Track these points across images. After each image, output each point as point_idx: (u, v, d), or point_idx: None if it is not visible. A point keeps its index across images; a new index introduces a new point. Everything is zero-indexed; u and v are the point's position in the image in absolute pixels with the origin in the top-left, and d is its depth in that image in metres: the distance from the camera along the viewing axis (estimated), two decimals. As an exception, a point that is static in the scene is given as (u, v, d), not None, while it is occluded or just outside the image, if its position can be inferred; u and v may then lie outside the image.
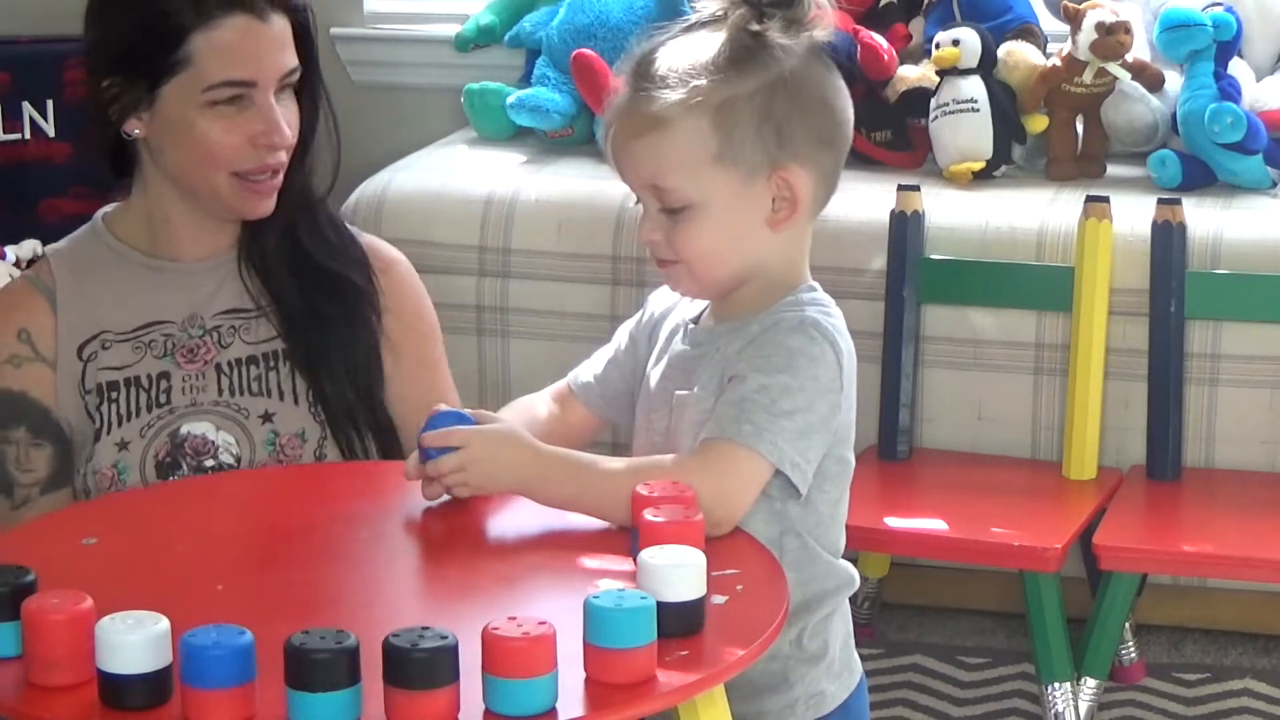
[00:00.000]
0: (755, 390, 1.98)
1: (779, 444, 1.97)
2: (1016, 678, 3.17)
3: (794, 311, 2.04)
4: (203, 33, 2.25)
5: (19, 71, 3.56)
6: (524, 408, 2.23)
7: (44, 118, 3.56)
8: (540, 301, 3.32)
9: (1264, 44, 3.50)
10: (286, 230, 2.37)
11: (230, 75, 2.26)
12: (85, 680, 1.64)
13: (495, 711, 1.61)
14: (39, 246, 3.39)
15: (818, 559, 2.08)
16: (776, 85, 2.02)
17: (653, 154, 2.03)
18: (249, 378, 2.35)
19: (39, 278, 2.37)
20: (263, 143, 2.29)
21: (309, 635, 1.59)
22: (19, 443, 2.31)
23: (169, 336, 2.34)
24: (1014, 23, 3.50)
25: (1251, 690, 3.15)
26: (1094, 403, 3.08)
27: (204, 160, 2.29)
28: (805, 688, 2.09)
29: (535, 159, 3.55)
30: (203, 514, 2.11)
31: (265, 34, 2.28)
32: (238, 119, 2.28)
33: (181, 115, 2.28)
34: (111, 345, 2.33)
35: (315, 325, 2.36)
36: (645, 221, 2.07)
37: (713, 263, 2.05)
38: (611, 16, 3.61)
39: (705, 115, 2.00)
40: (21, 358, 2.33)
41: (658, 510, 1.87)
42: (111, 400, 2.32)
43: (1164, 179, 3.31)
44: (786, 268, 2.09)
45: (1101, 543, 2.82)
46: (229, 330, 2.36)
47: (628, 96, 2.06)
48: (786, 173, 2.03)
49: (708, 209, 2.03)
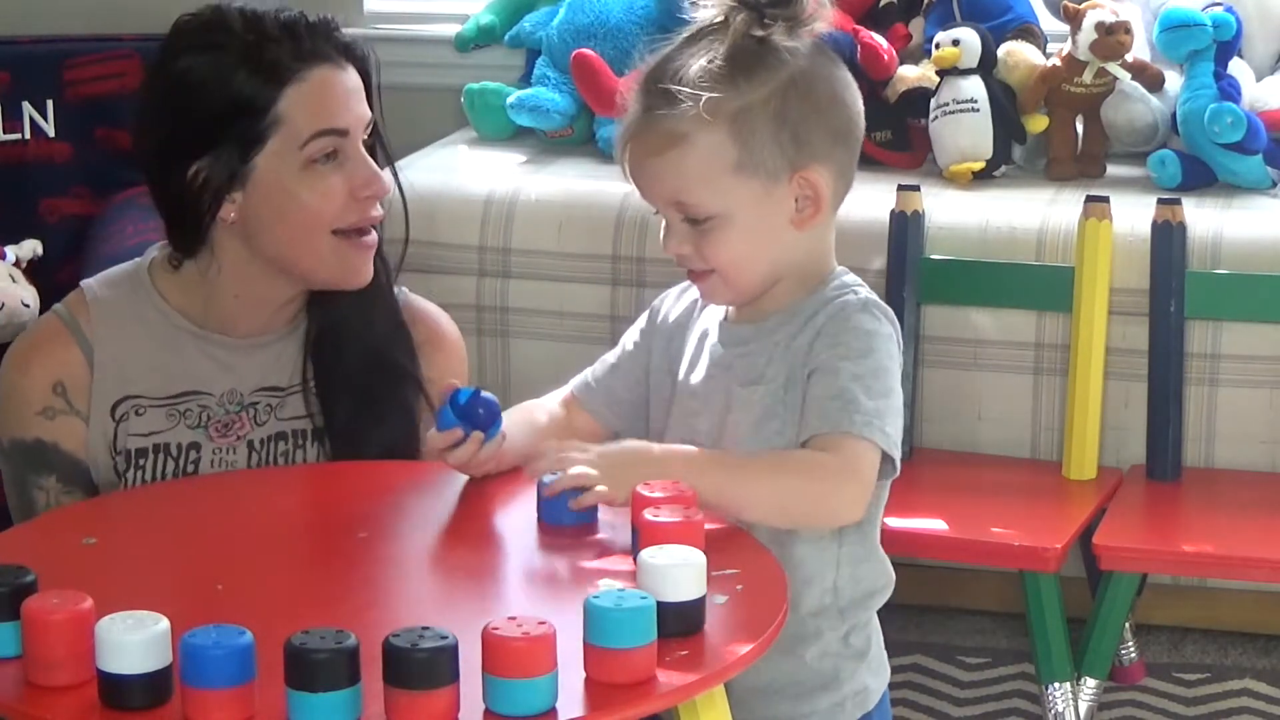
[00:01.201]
0: (851, 379, 2.00)
1: (886, 430, 2.00)
2: (1016, 678, 3.17)
3: (851, 295, 2.07)
4: (292, 88, 2.22)
5: (19, 71, 3.56)
6: (524, 413, 2.22)
7: (44, 118, 3.55)
8: (540, 301, 3.32)
9: (1264, 44, 3.50)
10: (358, 304, 2.32)
11: (326, 125, 2.23)
12: (85, 680, 1.64)
13: (495, 711, 1.61)
14: (39, 247, 3.39)
15: (873, 555, 2.12)
16: (788, 87, 2.03)
17: (673, 170, 2.03)
18: (277, 453, 2.32)
19: (78, 327, 2.32)
20: (364, 194, 2.25)
21: (309, 635, 1.59)
22: (49, 490, 2.30)
23: (205, 409, 2.31)
24: (1014, 23, 3.49)
25: (1251, 690, 3.15)
26: (1094, 403, 3.08)
27: (309, 224, 2.24)
28: (853, 685, 2.12)
29: (535, 159, 3.55)
30: (203, 514, 2.11)
31: (346, 83, 2.26)
32: (336, 175, 2.24)
33: (279, 181, 2.23)
34: (145, 411, 2.30)
35: (358, 405, 2.32)
36: (671, 236, 2.07)
37: (744, 269, 2.06)
38: (611, 16, 3.61)
39: (722, 127, 2.01)
40: (56, 410, 2.30)
41: (658, 510, 1.88)
42: (139, 466, 2.30)
43: (1164, 179, 3.31)
44: (816, 261, 2.11)
45: (1101, 543, 2.82)
46: (265, 408, 2.33)
47: (640, 115, 2.05)
48: (807, 173, 2.04)
49: (733, 218, 2.03)
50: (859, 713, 2.13)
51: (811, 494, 1.99)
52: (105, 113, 3.55)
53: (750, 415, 2.06)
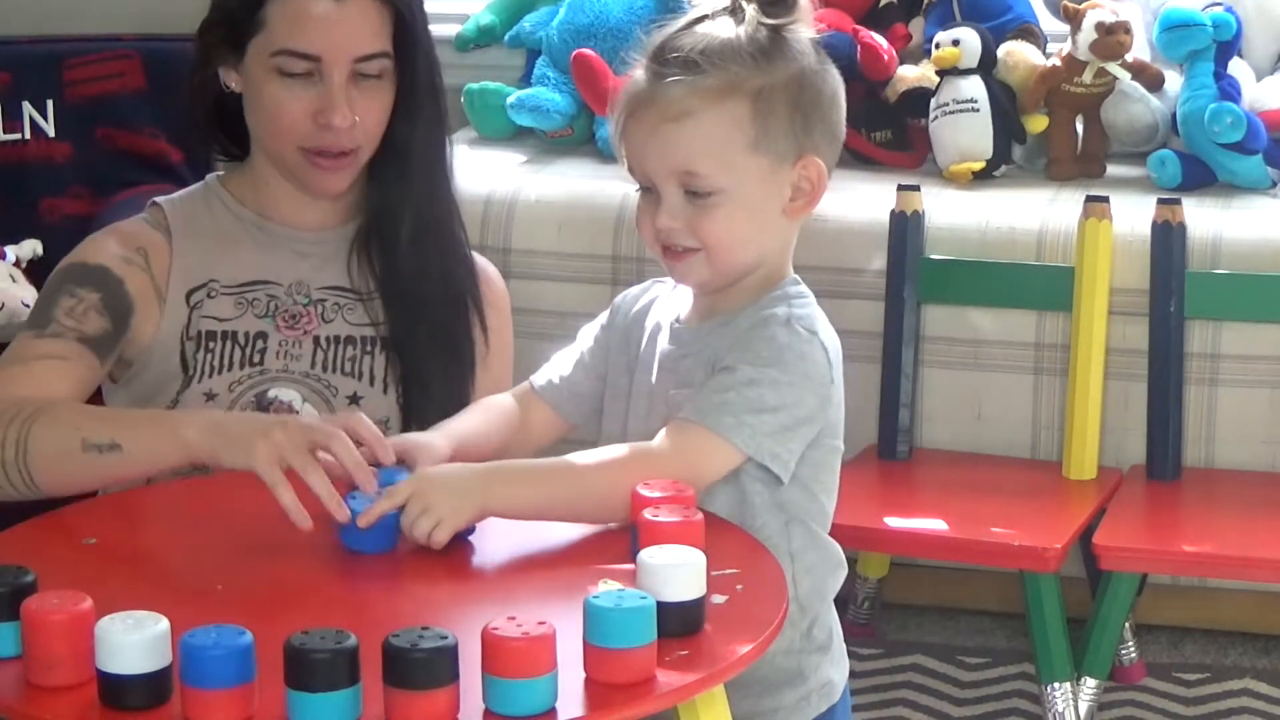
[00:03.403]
0: (743, 383, 2.00)
1: (758, 438, 1.99)
2: (1016, 678, 3.17)
3: (781, 308, 2.06)
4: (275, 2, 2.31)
5: (19, 71, 3.56)
6: (484, 409, 2.22)
7: (44, 118, 3.55)
8: (540, 301, 3.32)
9: (1264, 44, 3.50)
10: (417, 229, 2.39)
11: (293, 45, 2.31)
12: (85, 680, 1.64)
13: (495, 711, 1.61)
14: (39, 246, 3.39)
15: (820, 544, 2.10)
16: (803, 77, 2.04)
17: (687, 138, 2.02)
18: (344, 357, 2.37)
19: (156, 220, 2.41)
20: (321, 120, 2.32)
21: (309, 635, 1.59)
22: (84, 300, 2.31)
23: (273, 298, 2.38)
24: (1014, 23, 3.50)
25: (1251, 690, 3.15)
26: (1094, 403, 3.08)
27: (272, 127, 2.34)
28: (817, 678, 2.11)
29: (535, 159, 3.55)
30: (203, 514, 2.11)
31: (338, 13, 2.31)
32: (303, 93, 2.32)
33: (256, 75, 2.34)
34: (218, 295, 2.37)
35: (424, 323, 2.38)
36: (663, 210, 2.05)
37: (735, 250, 2.06)
38: (611, 16, 3.61)
39: (744, 101, 2.02)
40: (133, 261, 2.36)
41: (657, 510, 1.88)
42: (208, 350, 2.35)
43: (1164, 179, 3.31)
44: (780, 262, 2.11)
45: (1101, 543, 2.82)
46: (333, 306, 2.39)
47: (651, 82, 2.05)
48: (808, 162, 2.05)
49: (737, 196, 2.03)
50: (825, 705, 2.12)
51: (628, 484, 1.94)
52: (105, 113, 3.55)
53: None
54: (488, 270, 2.51)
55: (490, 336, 2.45)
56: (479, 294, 2.45)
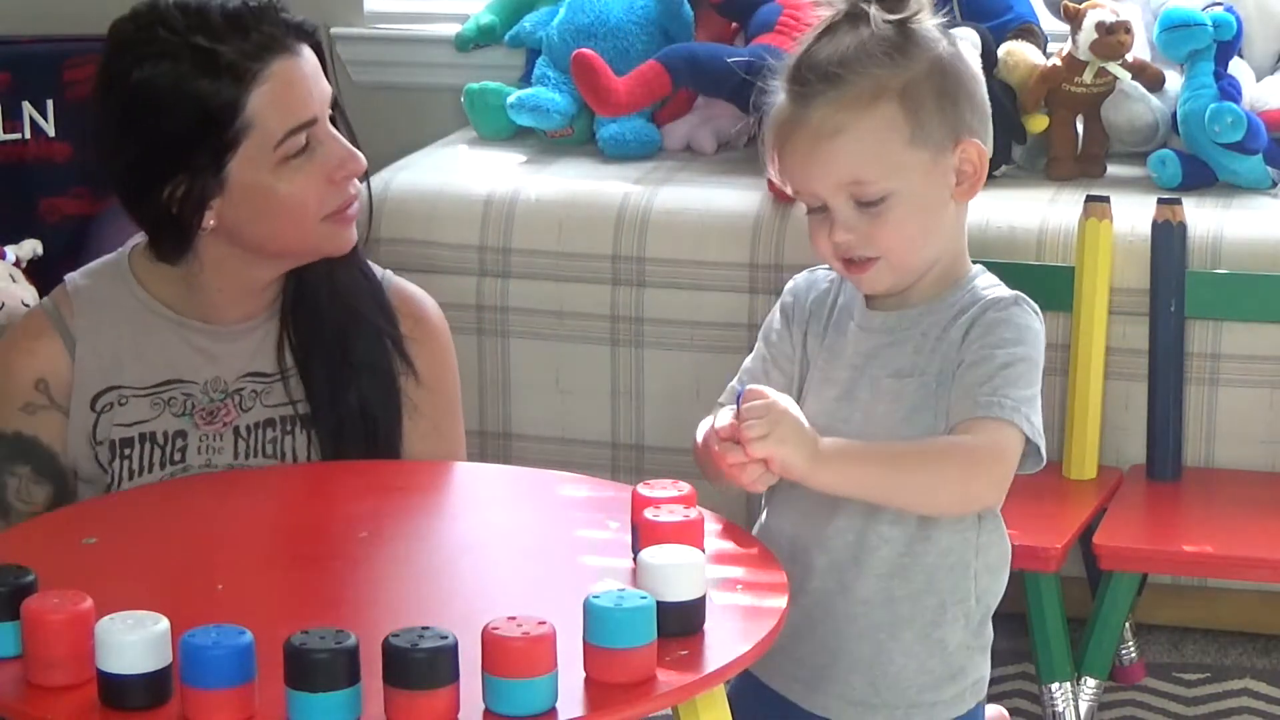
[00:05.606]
0: (1001, 368, 2.02)
1: (1031, 418, 2.03)
2: (1016, 678, 3.17)
3: (1002, 290, 2.10)
4: (256, 90, 2.19)
5: (19, 71, 3.56)
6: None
7: (44, 118, 3.56)
8: (540, 301, 3.32)
9: (1264, 44, 3.50)
10: (329, 277, 2.32)
11: (296, 121, 2.21)
12: (85, 680, 1.64)
13: (495, 711, 1.61)
14: (39, 246, 3.39)
15: (1002, 538, 2.14)
16: (941, 64, 2.06)
17: (849, 150, 2.03)
18: (264, 440, 2.31)
19: (61, 319, 2.31)
20: (341, 176, 2.25)
21: (309, 635, 1.59)
22: (22, 477, 2.30)
23: (190, 396, 2.30)
24: (1014, 22, 3.49)
25: (1251, 690, 3.15)
26: (1094, 403, 3.08)
27: (294, 217, 2.23)
28: (974, 675, 2.14)
29: (535, 159, 3.54)
30: (203, 514, 2.11)
31: (303, 68, 2.24)
32: (312, 164, 2.23)
33: (257, 183, 2.21)
34: (129, 401, 2.30)
35: (342, 387, 2.31)
36: (838, 225, 2.05)
37: (914, 250, 2.07)
38: (611, 16, 3.61)
39: (893, 101, 2.03)
40: (36, 405, 2.30)
41: (657, 510, 1.88)
42: (124, 456, 2.29)
43: (1164, 179, 3.31)
44: (961, 251, 2.13)
45: (1101, 543, 2.82)
46: (250, 394, 2.31)
47: (796, 103, 2.05)
48: (967, 145, 2.06)
49: (906, 195, 2.04)
50: (974, 702, 2.15)
51: (958, 479, 2.01)
52: (105, 113, 3.54)
53: (901, 407, 2.07)
54: (425, 307, 2.41)
55: (422, 376, 2.36)
56: (398, 334, 2.35)
